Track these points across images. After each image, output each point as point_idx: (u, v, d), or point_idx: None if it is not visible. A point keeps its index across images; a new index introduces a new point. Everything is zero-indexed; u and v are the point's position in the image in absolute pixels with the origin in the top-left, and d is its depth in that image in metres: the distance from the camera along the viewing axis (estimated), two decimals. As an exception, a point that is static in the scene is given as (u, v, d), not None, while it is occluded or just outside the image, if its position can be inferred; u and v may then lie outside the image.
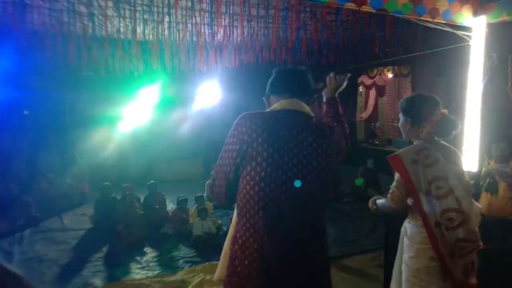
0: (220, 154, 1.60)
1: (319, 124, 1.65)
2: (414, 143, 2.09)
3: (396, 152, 2.05)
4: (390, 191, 2.05)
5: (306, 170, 1.52)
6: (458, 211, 1.92)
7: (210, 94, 8.90)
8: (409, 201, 2.06)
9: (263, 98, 1.75)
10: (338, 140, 1.67)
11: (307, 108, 1.64)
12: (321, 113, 1.85)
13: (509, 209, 3.32)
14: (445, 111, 2.07)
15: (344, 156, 1.72)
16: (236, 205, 1.63)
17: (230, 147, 1.54)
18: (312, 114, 1.66)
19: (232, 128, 1.57)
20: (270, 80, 1.72)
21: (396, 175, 2.02)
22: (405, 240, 2.10)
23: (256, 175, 1.49)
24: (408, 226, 2.11)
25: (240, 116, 1.57)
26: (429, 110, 2.04)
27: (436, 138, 2.06)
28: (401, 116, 2.16)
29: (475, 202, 2.07)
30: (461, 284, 1.90)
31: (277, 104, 1.63)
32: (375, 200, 2.25)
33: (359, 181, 6.62)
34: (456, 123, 2.04)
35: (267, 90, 1.72)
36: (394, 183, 2.03)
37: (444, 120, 2.03)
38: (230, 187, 1.58)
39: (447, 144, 2.09)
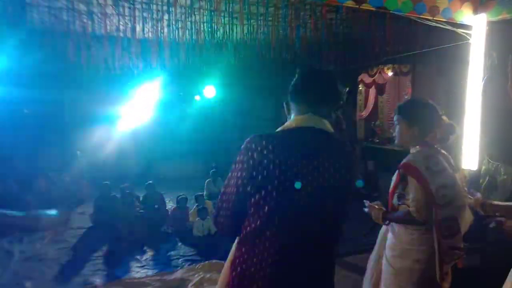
0: (226, 182, 1.42)
1: (339, 143, 1.45)
2: (413, 150, 2.06)
3: (407, 161, 1.99)
4: (413, 202, 1.95)
5: (321, 199, 1.36)
6: (456, 220, 1.93)
7: (210, 93, 8.90)
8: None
9: (283, 103, 1.52)
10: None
11: (326, 124, 1.43)
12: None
13: None
14: (446, 118, 2.07)
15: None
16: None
17: (238, 173, 1.38)
18: (332, 130, 1.45)
19: (240, 153, 1.39)
20: (292, 83, 1.49)
21: (413, 185, 1.95)
22: (390, 237, 2.09)
23: (266, 204, 1.33)
24: (396, 224, 2.08)
25: (248, 139, 1.38)
26: (437, 119, 2.04)
27: (435, 146, 2.05)
28: (401, 122, 2.08)
29: (469, 210, 2.06)
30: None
31: (291, 121, 1.45)
32: (382, 214, 2.15)
33: (359, 183, 6.61)
34: (456, 128, 2.06)
35: (289, 94, 1.50)
36: (413, 194, 1.95)
37: (449, 127, 2.03)
38: (236, 219, 1.42)
39: (443, 151, 2.09)
